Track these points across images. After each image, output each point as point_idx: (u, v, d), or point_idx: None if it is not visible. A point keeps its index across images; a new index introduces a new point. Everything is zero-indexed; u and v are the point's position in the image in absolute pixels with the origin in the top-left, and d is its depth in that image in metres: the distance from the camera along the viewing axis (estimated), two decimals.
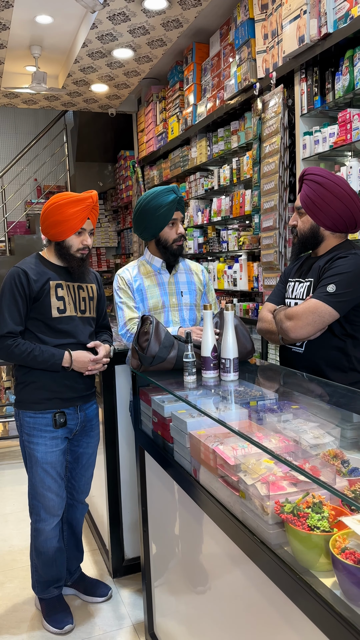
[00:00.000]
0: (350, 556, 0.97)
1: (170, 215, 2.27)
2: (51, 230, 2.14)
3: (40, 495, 2.18)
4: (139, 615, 2.33)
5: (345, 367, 1.95)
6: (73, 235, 2.14)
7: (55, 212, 2.10)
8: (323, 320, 1.85)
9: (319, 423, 1.51)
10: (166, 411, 1.76)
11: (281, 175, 3.18)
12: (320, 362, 1.95)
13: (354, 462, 1.32)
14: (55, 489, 2.19)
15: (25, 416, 2.16)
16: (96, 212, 2.20)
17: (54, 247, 2.19)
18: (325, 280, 1.88)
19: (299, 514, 1.10)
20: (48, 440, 2.16)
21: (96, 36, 4.05)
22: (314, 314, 1.84)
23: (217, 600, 1.49)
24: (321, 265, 1.95)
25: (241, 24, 3.56)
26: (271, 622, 1.20)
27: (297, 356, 2.02)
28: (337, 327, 1.91)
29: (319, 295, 1.86)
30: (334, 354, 1.94)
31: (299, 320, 1.87)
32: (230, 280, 4.08)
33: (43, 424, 2.15)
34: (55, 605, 2.30)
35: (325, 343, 1.94)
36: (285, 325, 1.91)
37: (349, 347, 1.94)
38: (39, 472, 2.16)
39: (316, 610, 1.00)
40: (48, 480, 2.17)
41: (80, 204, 2.11)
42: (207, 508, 1.45)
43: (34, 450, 2.15)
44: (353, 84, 2.65)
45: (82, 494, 2.40)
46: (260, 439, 1.31)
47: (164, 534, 1.92)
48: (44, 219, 2.14)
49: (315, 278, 1.96)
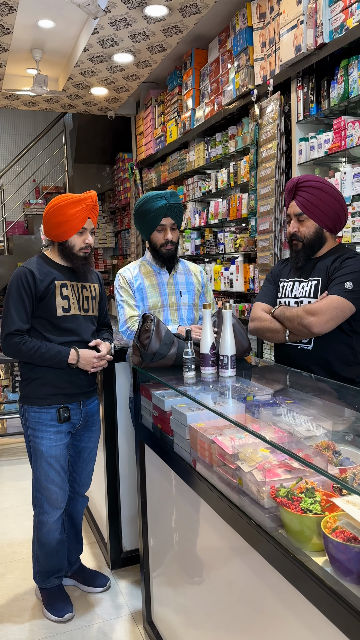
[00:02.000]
0: (340, 535, 1.05)
1: (157, 221, 2.34)
2: (54, 232, 2.22)
3: (44, 488, 2.25)
4: (136, 605, 2.41)
5: (352, 361, 2.06)
6: (75, 235, 2.22)
7: (57, 213, 2.18)
8: (344, 315, 1.96)
9: (312, 417, 1.60)
10: (166, 405, 1.84)
11: (277, 179, 3.27)
12: (330, 357, 2.05)
13: (345, 453, 1.40)
14: (59, 482, 2.27)
15: (30, 411, 2.23)
16: (96, 211, 2.28)
17: (57, 248, 2.27)
18: (340, 278, 1.99)
19: (293, 498, 1.18)
20: (52, 435, 2.23)
21: (97, 41, 4.13)
22: (337, 309, 1.95)
23: (214, 586, 1.56)
24: (328, 265, 2.06)
25: (239, 32, 3.65)
26: (267, 603, 1.27)
27: (304, 353, 2.10)
28: (345, 323, 2.01)
29: (339, 291, 1.96)
30: (342, 349, 2.04)
31: (323, 315, 1.96)
32: (226, 281, 4.17)
33: (47, 418, 2.22)
34: (55, 595, 2.37)
35: (334, 339, 2.04)
36: (307, 321, 1.98)
37: (355, 342, 2.05)
38: (44, 466, 2.23)
39: (309, 586, 1.08)
40: (52, 473, 2.24)
41: (80, 204, 2.18)
42: (206, 495, 1.52)
43: (39, 444, 2.22)
44: (348, 93, 2.75)
45: (83, 487, 2.47)
46: (256, 431, 1.39)
47: (163, 524, 2.00)
48: (46, 221, 2.22)
49: (324, 277, 2.06)
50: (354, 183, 2.74)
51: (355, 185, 2.74)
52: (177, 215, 2.38)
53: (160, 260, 2.41)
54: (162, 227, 2.35)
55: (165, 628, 2.04)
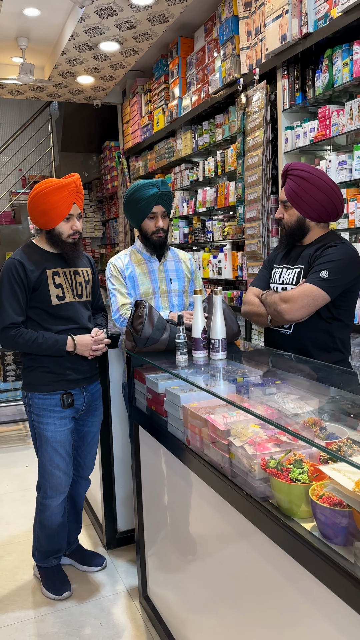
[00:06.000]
0: (326, 500, 1.13)
1: (149, 209, 2.39)
2: (40, 220, 2.21)
3: (49, 473, 2.30)
4: (132, 582, 2.49)
5: (330, 347, 2.11)
6: (62, 222, 2.21)
7: (41, 201, 2.16)
8: (316, 303, 2.00)
9: (300, 396, 1.67)
10: (160, 388, 1.91)
11: (264, 168, 3.33)
12: (307, 343, 2.11)
13: (331, 428, 1.48)
14: (64, 468, 2.32)
15: (34, 398, 2.27)
16: (81, 195, 2.25)
17: (45, 236, 2.26)
18: (318, 266, 2.02)
19: (282, 469, 1.26)
20: (57, 420, 2.27)
21: (83, 29, 4.13)
22: (308, 297, 1.99)
23: (208, 558, 1.64)
24: (311, 253, 2.09)
25: (225, 21, 3.68)
26: (259, 568, 1.36)
27: (285, 338, 2.17)
28: (325, 310, 2.06)
29: (313, 280, 2.01)
30: (320, 336, 2.10)
31: (295, 302, 2.01)
32: (215, 269, 4.23)
33: (52, 404, 2.26)
34: (54, 574, 2.44)
35: (313, 325, 2.09)
36: (280, 308, 2.05)
37: (334, 329, 2.10)
38: (49, 451, 2.28)
39: (298, 549, 1.16)
40: (57, 458, 2.30)
41: (64, 190, 2.15)
42: (200, 471, 1.60)
43: (44, 430, 2.27)
44: (332, 82, 2.80)
45: (87, 470, 2.54)
46: (247, 408, 1.47)
47: (157, 502, 2.08)
48: (31, 209, 2.20)
49: (306, 265, 2.10)
50: (338, 171, 2.81)
51: (340, 173, 2.81)
52: (168, 203, 2.43)
53: (151, 247, 2.47)
54: (153, 214, 2.41)
55: (160, 602, 2.12)
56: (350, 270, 2.02)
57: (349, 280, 2.02)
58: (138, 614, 2.28)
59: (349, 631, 1.05)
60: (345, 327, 2.13)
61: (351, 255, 2.03)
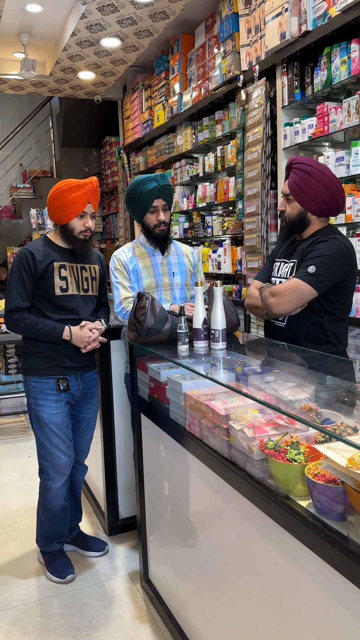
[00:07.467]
0: (321, 478, 1.20)
1: (150, 203, 2.45)
2: (56, 215, 2.35)
3: (49, 453, 2.39)
4: (134, 566, 2.56)
5: (322, 340, 2.17)
6: (75, 218, 2.34)
7: (59, 197, 2.30)
8: (303, 298, 2.06)
9: (296, 384, 1.74)
10: (162, 376, 1.98)
11: (263, 163, 3.39)
12: (300, 335, 2.17)
13: (326, 414, 1.55)
14: (64, 449, 2.41)
15: (32, 381, 2.39)
16: (97, 196, 2.40)
17: (59, 230, 2.41)
18: (307, 261, 2.07)
19: (279, 450, 1.33)
20: (53, 403, 2.39)
21: (85, 26, 4.18)
22: (295, 292, 2.05)
23: (208, 539, 1.71)
24: (304, 248, 2.14)
25: (226, 18, 3.73)
26: (257, 546, 1.43)
27: (279, 330, 2.24)
28: (316, 304, 2.12)
29: (300, 275, 2.06)
30: (312, 329, 2.15)
31: (282, 297, 2.07)
32: (214, 263, 4.29)
33: (47, 387, 2.38)
34: (57, 558, 2.52)
35: (305, 318, 2.15)
36: (269, 302, 2.12)
37: (326, 322, 2.15)
38: (47, 431, 2.38)
39: (295, 525, 1.23)
40: (56, 439, 2.39)
41: (81, 189, 2.30)
42: (200, 454, 1.67)
43: (40, 411, 2.38)
44: (330, 79, 2.86)
45: (82, 455, 2.62)
46: (247, 393, 1.53)
47: (159, 488, 2.15)
48: (49, 204, 2.35)
49: (299, 259, 2.15)
50: (336, 167, 2.87)
51: (337, 169, 2.87)
52: (168, 197, 2.49)
53: (155, 241, 2.53)
54: (154, 208, 2.47)
55: (161, 585, 2.20)
56: (339, 265, 2.05)
57: (338, 275, 2.06)
58: (139, 596, 2.35)
59: (343, 598, 1.12)
60: (338, 321, 2.16)
61: (341, 250, 2.07)
